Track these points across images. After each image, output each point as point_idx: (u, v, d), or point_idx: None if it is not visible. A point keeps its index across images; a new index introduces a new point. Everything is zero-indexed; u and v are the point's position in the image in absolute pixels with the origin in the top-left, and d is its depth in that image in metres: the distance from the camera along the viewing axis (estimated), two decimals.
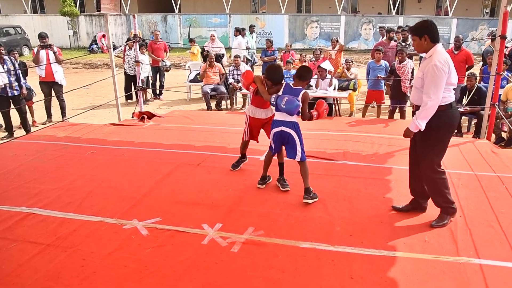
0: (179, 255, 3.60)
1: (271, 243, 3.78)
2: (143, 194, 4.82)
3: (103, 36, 24.15)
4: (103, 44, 22.55)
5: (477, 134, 7.50)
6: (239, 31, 13.78)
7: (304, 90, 4.63)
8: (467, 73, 8.46)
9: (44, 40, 9.13)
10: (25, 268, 3.46)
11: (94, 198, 4.76)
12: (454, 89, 3.91)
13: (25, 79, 8.89)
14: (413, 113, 4.00)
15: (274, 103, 4.67)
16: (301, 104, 4.58)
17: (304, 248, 3.69)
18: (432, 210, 4.30)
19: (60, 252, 3.67)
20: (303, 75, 4.67)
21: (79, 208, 4.51)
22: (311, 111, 4.69)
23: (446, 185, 4.03)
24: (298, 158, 4.63)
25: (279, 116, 4.70)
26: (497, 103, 6.93)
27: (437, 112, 3.78)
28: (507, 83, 7.77)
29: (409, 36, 11.42)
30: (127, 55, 11.18)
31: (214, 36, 12.88)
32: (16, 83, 8.18)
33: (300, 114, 4.69)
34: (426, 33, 3.84)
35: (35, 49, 9.21)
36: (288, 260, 3.52)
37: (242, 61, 11.17)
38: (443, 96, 3.78)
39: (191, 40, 14.18)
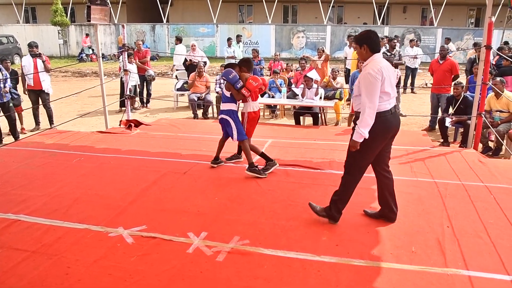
0: (164, 263, 3.58)
1: (256, 252, 3.76)
2: (129, 202, 4.80)
3: (87, 36, 24.33)
4: (92, 53, 22.67)
5: (464, 144, 7.54)
6: (179, 40, 14.20)
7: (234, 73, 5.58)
8: (453, 82, 8.57)
9: (32, 49, 9.15)
10: (9, 275, 3.42)
11: (80, 206, 4.73)
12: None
13: (15, 87, 8.90)
14: (354, 121, 4.07)
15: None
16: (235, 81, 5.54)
17: (290, 258, 3.67)
18: (419, 220, 4.34)
19: (45, 260, 3.64)
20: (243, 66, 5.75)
21: (65, 215, 4.48)
22: (241, 90, 5.54)
23: (350, 189, 4.18)
24: (234, 139, 5.66)
25: (221, 105, 5.77)
26: (484, 112, 6.99)
27: None
28: None
29: (396, 45, 11.56)
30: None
31: (195, 45, 12.89)
32: (5, 88, 8.24)
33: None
34: (365, 43, 3.97)
35: (23, 60, 9.29)
36: (274, 270, 3.51)
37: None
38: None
39: (93, 51, 14.40)
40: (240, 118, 5.77)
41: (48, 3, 25.88)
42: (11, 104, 8.44)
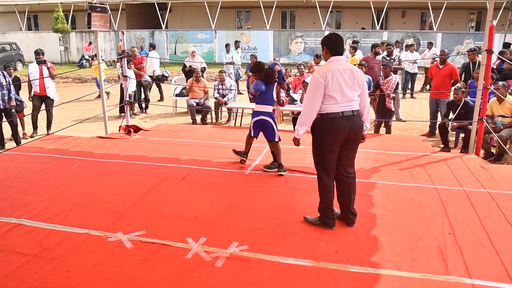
0: (163, 269, 3.57)
1: (255, 258, 3.74)
2: (129, 207, 4.79)
3: (89, 44, 24.47)
4: (90, 58, 22.77)
5: (465, 149, 7.47)
6: (153, 47, 14.66)
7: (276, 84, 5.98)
8: (453, 88, 8.54)
9: (39, 56, 9.38)
10: (10, 279, 3.43)
11: (80, 210, 4.73)
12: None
13: (18, 93, 9.00)
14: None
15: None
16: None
17: (289, 264, 3.65)
18: (420, 226, 4.32)
19: (45, 264, 3.65)
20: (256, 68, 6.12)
21: (66, 219, 4.49)
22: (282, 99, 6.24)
23: (325, 195, 4.23)
24: (277, 138, 5.89)
25: (258, 108, 5.93)
26: (485, 117, 6.93)
27: (315, 119, 4.14)
28: None
29: (394, 50, 11.57)
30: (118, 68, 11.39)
31: (194, 52, 12.91)
32: (9, 96, 8.38)
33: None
34: (325, 45, 4.18)
35: (30, 67, 9.47)
36: (272, 276, 3.48)
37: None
38: (322, 106, 4.05)
39: (92, 58, 14.67)
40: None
41: (49, 11, 26.08)
42: (13, 110, 8.53)
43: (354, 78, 4.06)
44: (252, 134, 6.03)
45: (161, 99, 14.00)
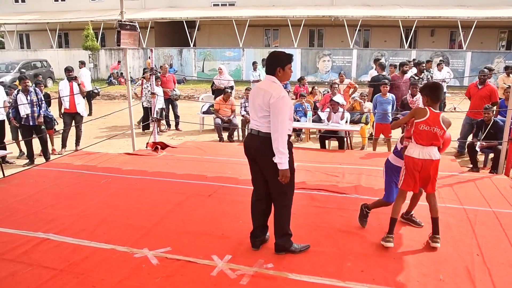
0: (188, 286, 3.58)
1: (280, 276, 3.73)
2: (154, 223, 4.84)
3: (118, 62, 24.94)
4: (117, 74, 23.19)
5: (494, 169, 7.30)
6: (83, 63, 15.01)
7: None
8: (484, 106, 8.32)
9: (70, 74, 9.62)
10: None
11: (106, 226, 4.80)
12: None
13: (48, 109, 9.20)
14: None
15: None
16: None
17: (314, 283, 3.63)
18: (447, 247, 4.23)
19: (72, 278, 3.71)
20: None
21: (92, 235, 4.56)
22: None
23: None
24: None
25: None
26: None
27: None
28: None
29: (425, 69, 11.36)
30: (144, 87, 11.53)
31: (222, 69, 13.01)
32: (38, 113, 8.57)
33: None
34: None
35: (60, 84, 9.63)
36: None
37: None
38: None
39: (36, 75, 15.24)
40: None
41: (80, 29, 26.69)
42: (43, 127, 8.73)
43: (263, 99, 3.88)
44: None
45: (90, 114, 14.42)
